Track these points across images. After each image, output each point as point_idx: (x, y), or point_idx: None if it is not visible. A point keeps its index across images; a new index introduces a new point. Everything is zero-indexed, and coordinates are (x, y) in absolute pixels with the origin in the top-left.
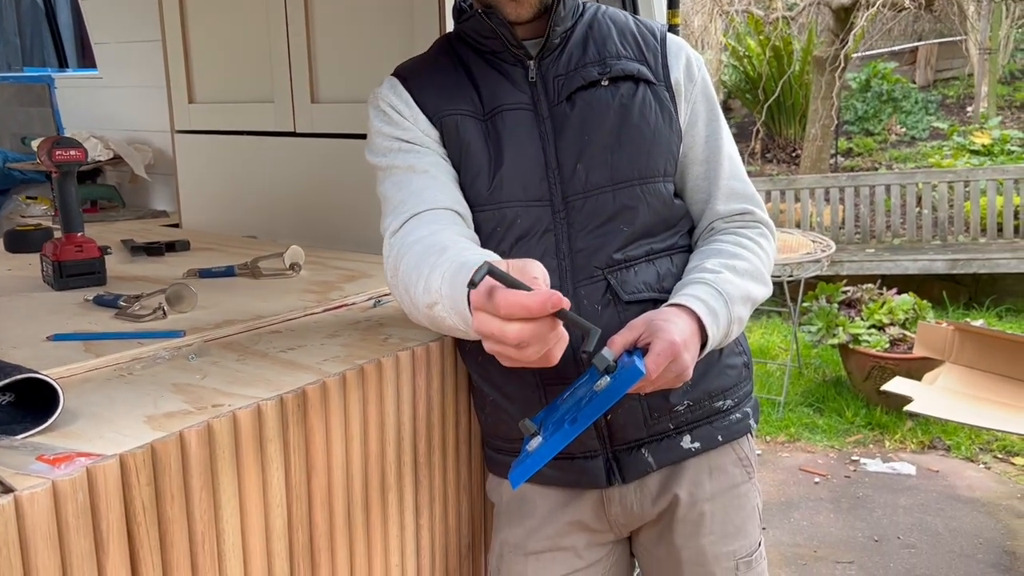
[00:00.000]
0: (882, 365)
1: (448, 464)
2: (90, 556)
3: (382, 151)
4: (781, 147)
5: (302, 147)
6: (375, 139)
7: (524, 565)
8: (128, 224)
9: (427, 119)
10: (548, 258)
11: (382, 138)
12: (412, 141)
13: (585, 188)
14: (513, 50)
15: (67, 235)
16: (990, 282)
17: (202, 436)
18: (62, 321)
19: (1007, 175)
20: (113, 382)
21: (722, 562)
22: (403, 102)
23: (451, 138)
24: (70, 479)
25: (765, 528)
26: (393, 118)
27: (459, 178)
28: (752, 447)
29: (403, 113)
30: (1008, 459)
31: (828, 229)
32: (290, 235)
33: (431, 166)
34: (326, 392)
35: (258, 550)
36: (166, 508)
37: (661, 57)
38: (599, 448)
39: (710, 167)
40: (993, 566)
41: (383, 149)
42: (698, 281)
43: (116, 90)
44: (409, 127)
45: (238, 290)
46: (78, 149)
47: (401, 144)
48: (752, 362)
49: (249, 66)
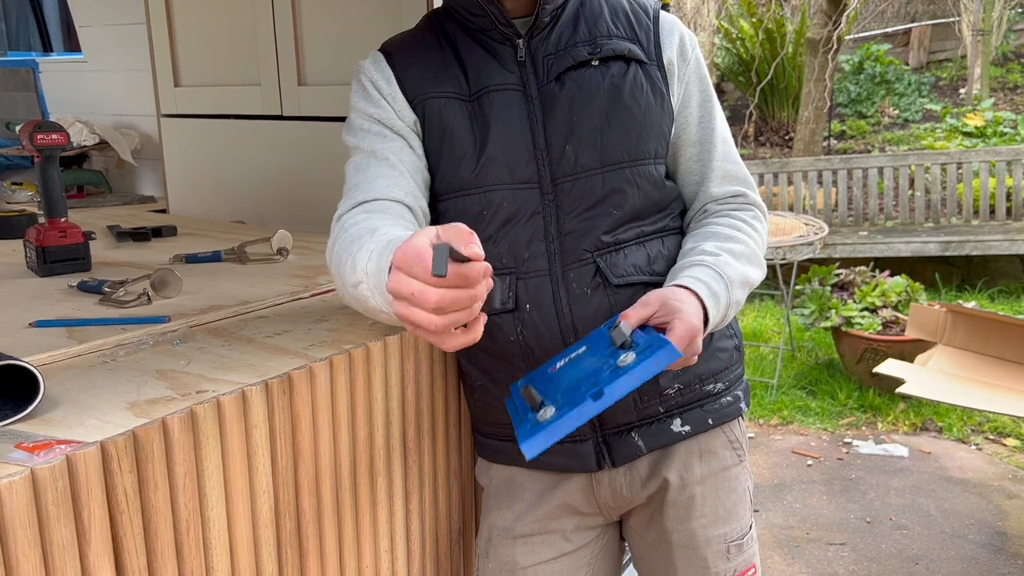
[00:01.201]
0: (875, 347)
1: (438, 449)
2: (72, 545)
3: (354, 129)
4: (774, 130)
5: (289, 130)
6: (351, 116)
7: (512, 548)
8: (114, 210)
9: (406, 101)
10: (536, 241)
11: (357, 115)
12: (383, 122)
13: (574, 170)
14: (502, 28)
15: (50, 220)
16: (982, 264)
17: (185, 422)
18: (45, 307)
19: (1000, 157)
20: (96, 369)
21: (713, 545)
22: (384, 79)
23: (433, 123)
24: (49, 467)
25: (758, 510)
26: (371, 95)
27: (441, 163)
28: (743, 430)
29: (382, 91)
30: (999, 440)
31: (821, 212)
32: (278, 219)
33: (393, 153)
34: (313, 377)
35: (244, 537)
36: (150, 496)
37: (654, 36)
38: (589, 432)
39: (703, 149)
40: (984, 546)
41: (355, 127)
42: (699, 263)
43: (101, 74)
44: (384, 106)
45: (225, 275)
46: (60, 133)
47: (372, 124)
48: (743, 345)
49: (235, 48)
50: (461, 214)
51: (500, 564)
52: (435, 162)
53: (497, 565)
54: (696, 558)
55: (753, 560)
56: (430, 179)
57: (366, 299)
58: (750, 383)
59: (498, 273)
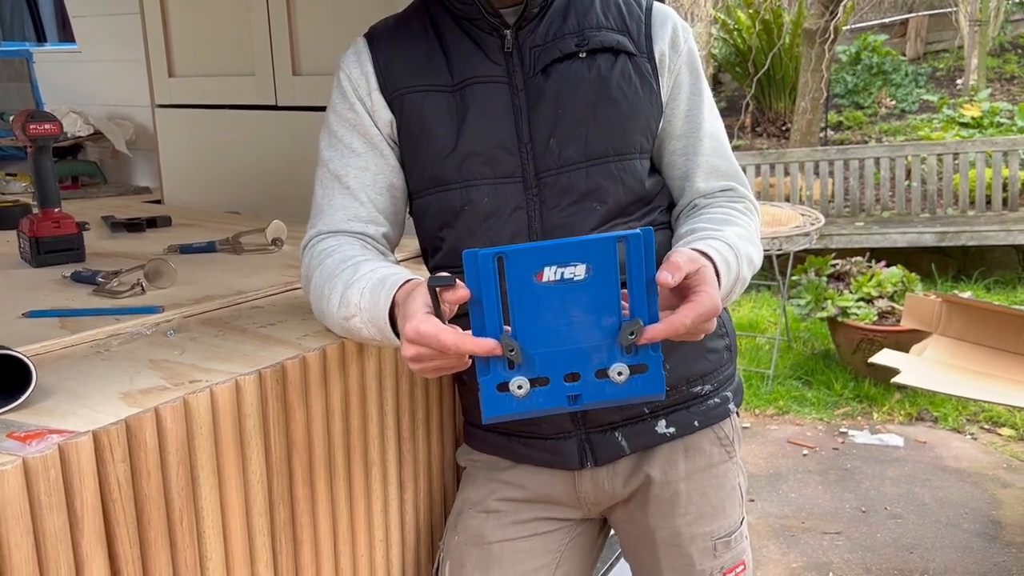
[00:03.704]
0: (870, 338)
1: (432, 439)
2: (64, 533)
3: (328, 134)
4: (771, 121)
5: (284, 120)
6: (329, 115)
7: (484, 522)
8: (110, 200)
9: (383, 99)
10: (520, 238)
11: (334, 117)
12: (357, 128)
13: (558, 164)
14: (489, 18)
15: (44, 211)
16: (978, 255)
17: (178, 412)
18: (39, 298)
19: (996, 147)
20: (89, 359)
21: (698, 543)
22: (363, 74)
23: (411, 118)
24: (41, 456)
25: (753, 500)
26: (348, 96)
27: (420, 157)
28: (735, 426)
29: (359, 91)
30: (994, 430)
31: (818, 202)
32: (273, 210)
33: (357, 176)
34: (306, 367)
35: (238, 526)
36: (142, 485)
37: (645, 28)
38: (572, 429)
39: (689, 143)
40: (979, 536)
41: (329, 133)
42: (705, 237)
43: (96, 64)
44: (360, 111)
45: (219, 266)
46: (52, 123)
47: (345, 132)
48: (736, 344)
49: (229, 38)
50: (442, 209)
51: (467, 537)
52: (414, 157)
53: (464, 538)
54: (680, 555)
55: (742, 557)
56: (404, 181)
57: (359, 330)
58: (746, 374)
59: None
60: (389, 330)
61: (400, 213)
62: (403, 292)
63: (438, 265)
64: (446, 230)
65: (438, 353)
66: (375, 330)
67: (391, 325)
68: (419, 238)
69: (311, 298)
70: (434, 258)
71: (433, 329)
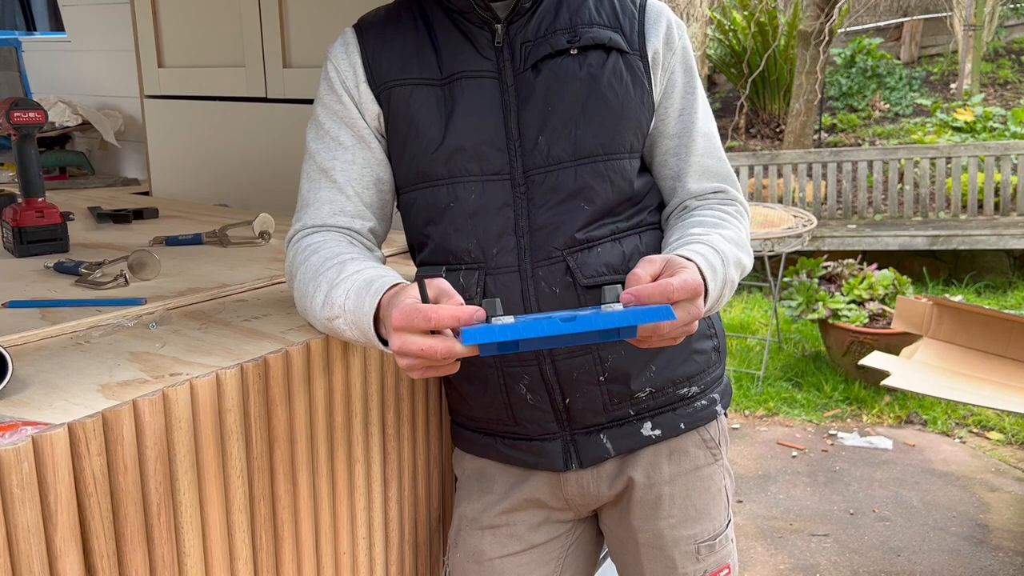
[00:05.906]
0: (861, 340)
1: (418, 436)
2: (37, 527)
3: (315, 127)
4: (765, 122)
5: (274, 113)
6: (316, 107)
7: (480, 539)
8: (97, 191)
9: (371, 92)
10: (506, 236)
11: (322, 109)
12: (345, 120)
13: (546, 162)
14: (480, 11)
15: (28, 200)
16: (970, 259)
17: (156, 405)
18: (20, 288)
19: (989, 152)
20: (68, 350)
21: (681, 546)
22: (351, 66)
23: (398, 112)
24: (14, 448)
25: (741, 501)
26: (336, 88)
27: (407, 152)
28: (722, 428)
29: (347, 83)
30: (983, 434)
31: (810, 204)
32: (262, 203)
33: (344, 170)
34: (289, 361)
35: (217, 522)
36: (119, 479)
37: (638, 25)
38: (557, 430)
39: (681, 142)
40: (966, 539)
41: (317, 125)
42: (691, 242)
43: (84, 54)
44: (348, 103)
45: (205, 258)
46: (37, 111)
47: (333, 124)
48: (725, 345)
49: (219, 29)
50: (428, 205)
51: (468, 554)
52: (401, 151)
53: (465, 555)
54: (663, 558)
55: (727, 560)
56: (391, 174)
57: (342, 331)
58: (737, 375)
59: (467, 268)
60: (373, 334)
61: (388, 207)
62: (388, 297)
63: (424, 262)
64: (432, 227)
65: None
66: (359, 333)
67: (375, 329)
68: (406, 234)
69: (295, 295)
70: (420, 254)
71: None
